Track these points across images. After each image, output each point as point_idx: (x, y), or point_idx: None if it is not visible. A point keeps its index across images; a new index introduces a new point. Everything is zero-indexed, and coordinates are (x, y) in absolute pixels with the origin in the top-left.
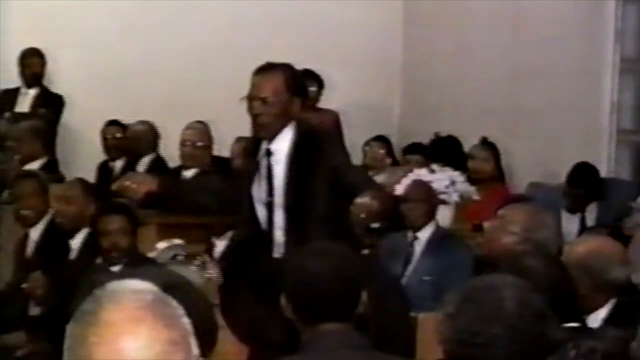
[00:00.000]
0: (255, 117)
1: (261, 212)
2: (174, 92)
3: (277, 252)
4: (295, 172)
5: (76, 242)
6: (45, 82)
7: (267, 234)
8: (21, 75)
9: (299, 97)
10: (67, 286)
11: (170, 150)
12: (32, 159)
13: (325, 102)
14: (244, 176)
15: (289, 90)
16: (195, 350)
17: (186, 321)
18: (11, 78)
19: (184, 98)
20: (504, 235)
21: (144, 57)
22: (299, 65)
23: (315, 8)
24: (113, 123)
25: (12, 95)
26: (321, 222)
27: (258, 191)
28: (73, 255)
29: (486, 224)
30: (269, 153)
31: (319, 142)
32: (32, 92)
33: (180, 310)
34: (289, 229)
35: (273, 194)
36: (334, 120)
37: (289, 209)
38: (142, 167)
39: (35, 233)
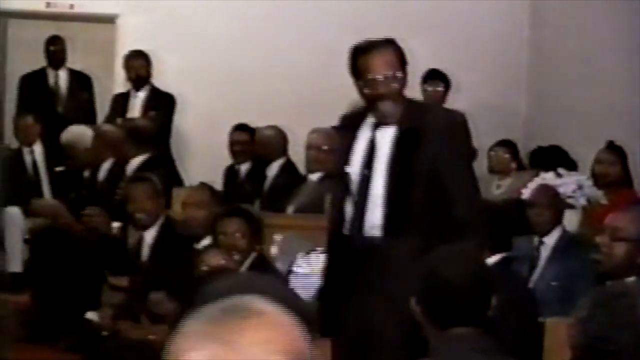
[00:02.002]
0: (380, 96)
1: (354, 189)
2: (299, 94)
3: (369, 230)
4: (401, 149)
5: (202, 246)
6: (162, 84)
7: (360, 211)
8: (127, 78)
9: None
10: (188, 290)
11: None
12: (126, 160)
13: (451, 102)
14: (341, 149)
15: (403, 64)
16: None
17: (303, 345)
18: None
19: (309, 100)
20: (616, 246)
21: (266, 59)
22: (425, 66)
23: (441, 9)
24: (240, 127)
25: (123, 99)
26: (419, 209)
27: (354, 165)
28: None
29: (597, 239)
30: (376, 126)
31: (427, 127)
32: (142, 94)
33: (298, 326)
34: (385, 208)
35: (372, 167)
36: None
37: (388, 187)
38: (272, 171)
39: (149, 236)
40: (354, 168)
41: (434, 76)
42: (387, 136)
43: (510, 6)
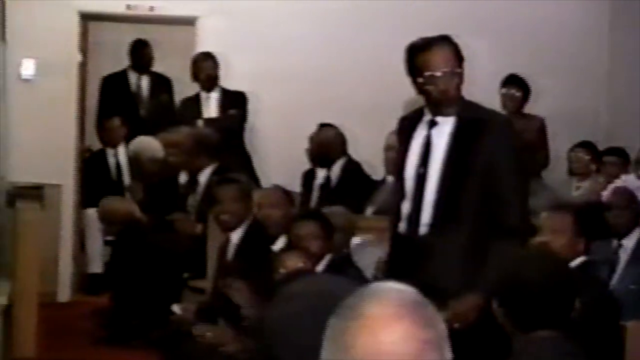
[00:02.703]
0: (444, 92)
1: (409, 188)
2: (376, 95)
3: (423, 229)
4: (460, 142)
5: (277, 247)
6: (240, 85)
7: (415, 210)
8: (195, 80)
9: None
10: (268, 289)
11: (363, 155)
12: (199, 169)
13: (530, 107)
14: (399, 150)
15: (460, 60)
16: (448, 354)
17: (442, 327)
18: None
19: (386, 101)
20: None
21: (344, 60)
22: (503, 71)
23: (518, 11)
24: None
25: (193, 102)
26: (472, 205)
27: (410, 164)
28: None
29: None
30: (432, 124)
31: (486, 125)
32: (214, 95)
33: (437, 315)
34: (438, 209)
35: (427, 165)
36: (539, 126)
37: (442, 185)
38: (334, 172)
39: (235, 237)
40: (410, 167)
41: (513, 81)
42: (443, 132)
43: (590, 8)
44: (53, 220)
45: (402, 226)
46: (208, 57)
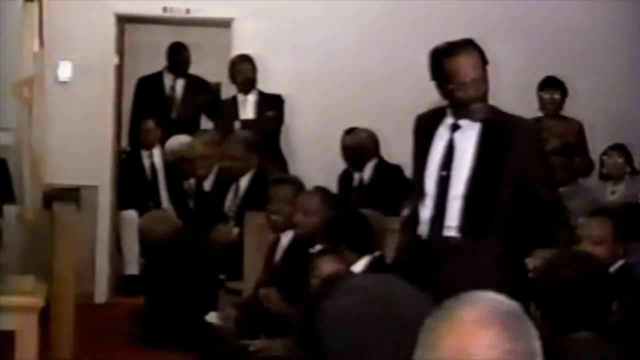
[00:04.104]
0: (474, 97)
1: (430, 191)
2: (416, 97)
3: (447, 232)
4: (488, 146)
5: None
6: (276, 88)
7: (438, 213)
8: (233, 82)
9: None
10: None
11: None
12: (246, 172)
13: (567, 110)
14: (417, 151)
15: (485, 64)
16: None
17: (534, 342)
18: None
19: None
20: None
21: (382, 63)
22: (540, 73)
23: (555, 12)
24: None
25: (230, 104)
26: (505, 209)
27: (432, 166)
28: None
29: None
30: (455, 127)
31: (514, 129)
32: (251, 97)
33: (532, 331)
34: (467, 208)
35: (451, 169)
36: (577, 129)
37: (470, 189)
38: (366, 173)
39: (285, 239)
40: (432, 169)
41: (551, 83)
42: (469, 136)
43: (627, 10)
44: (90, 221)
45: (423, 229)
46: (246, 59)
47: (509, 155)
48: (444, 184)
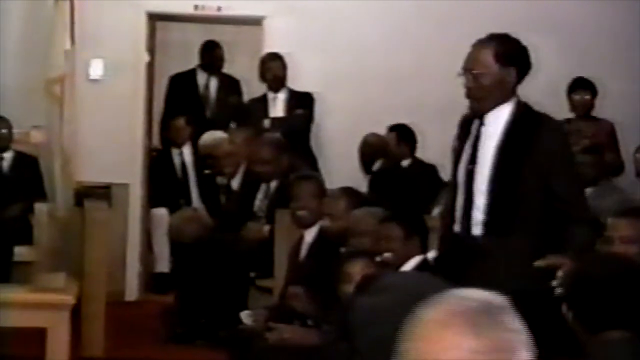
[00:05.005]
0: (467, 90)
1: (461, 185)
2: (449, 96)
3: (474, 228)
4: (508, 148)
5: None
6: (307, 86)
7: (466, 208)
8: (263, 80)
9: (514, 67)
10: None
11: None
12: (273, 177)
13: (598, 111)
14: (456, 148)
15: (499, 62)
16: None
17: (512, 337)
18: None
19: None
20: None
21: (415, 60)
22: (571, 73)
23: (585, 13)
24: (393, 129)
25: (260, 102)
26: (529, 206)
27: (463, 161)
28: None
29: None
30: (482, 123)
31: (539, 126)
32: (281, 95)
33: (506, 325)
34: (490, 203)
35: (476, 162)
36: (609, 130)
37: (492, 183)
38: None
39: (309, 236)
40: (462, 165)
41: (581, 85)
42: (494, 131)
43: None
44: (120, 219)
45: (457, 224)
46: (276, 57)
47: (534, 152)
48: (470, 178)
